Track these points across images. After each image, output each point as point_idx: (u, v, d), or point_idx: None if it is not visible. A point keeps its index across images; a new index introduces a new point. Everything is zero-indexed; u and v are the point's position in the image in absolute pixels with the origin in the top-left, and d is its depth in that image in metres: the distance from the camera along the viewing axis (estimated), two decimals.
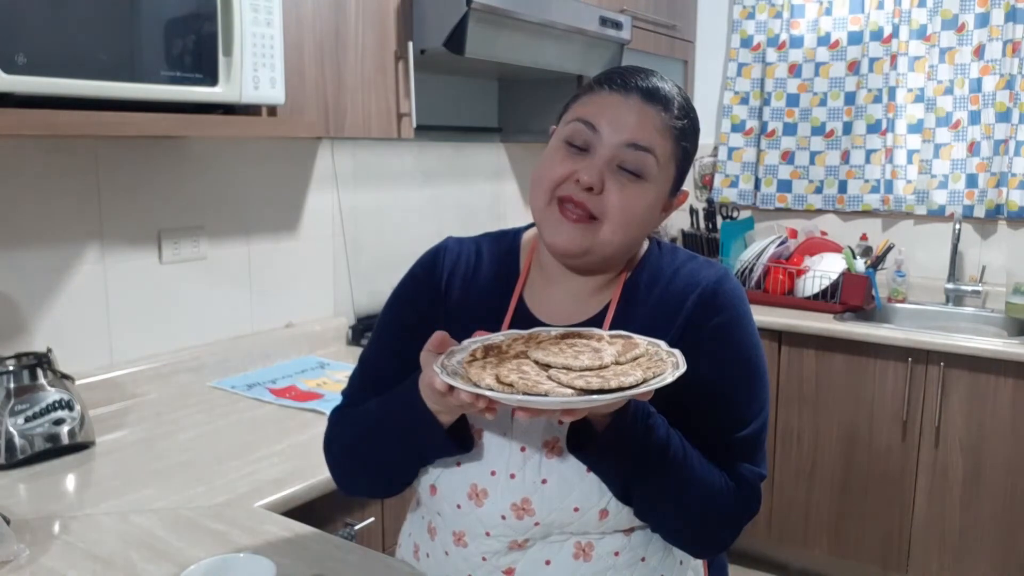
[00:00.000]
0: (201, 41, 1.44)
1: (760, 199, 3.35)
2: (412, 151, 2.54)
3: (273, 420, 1.67)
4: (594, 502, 0.92)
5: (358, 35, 1.87)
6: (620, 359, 0.81)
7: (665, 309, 0.99)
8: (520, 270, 1.06)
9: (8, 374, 1.43)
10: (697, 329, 0.97)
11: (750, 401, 0.98)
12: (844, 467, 2.72)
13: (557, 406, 0.75)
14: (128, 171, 1.80)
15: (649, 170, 0.94)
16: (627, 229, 0.95)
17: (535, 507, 0.93)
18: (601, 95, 0.96)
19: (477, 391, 0.77)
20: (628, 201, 0.94)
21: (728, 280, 1.01)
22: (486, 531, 0.95)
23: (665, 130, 0.95)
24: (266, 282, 2.12)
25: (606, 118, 0.94)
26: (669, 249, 1.07)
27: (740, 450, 0.97)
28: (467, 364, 0.82)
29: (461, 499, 0.96)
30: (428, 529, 1.04)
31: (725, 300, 0.99)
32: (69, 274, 1.71)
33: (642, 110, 0.94)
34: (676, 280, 1.01)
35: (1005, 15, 2.81)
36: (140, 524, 1.20)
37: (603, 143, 0.93)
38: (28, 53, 1.20)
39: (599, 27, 2.38)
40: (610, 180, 0.93)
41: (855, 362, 2.66)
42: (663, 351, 0.84)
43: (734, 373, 0.98)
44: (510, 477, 0.93)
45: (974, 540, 2.53)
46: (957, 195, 2.97)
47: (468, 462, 0.96)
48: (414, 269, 1.10)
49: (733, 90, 3.36)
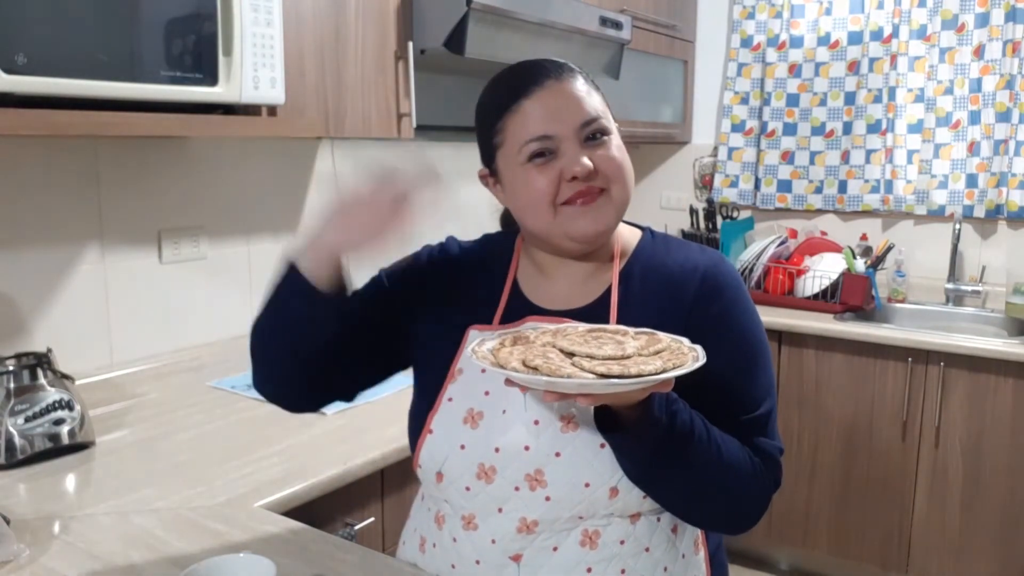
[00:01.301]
0: (201, 41, 1.44)
1: (760, 199, 3.35)
2: (412, 151, 2.54)
3: (273, 420, 1.67)
4: (605, 479, 0.94)
5: (358, 35, 1.87)
6: (642, 352, 0.84)
7: (669, 294, 1.02)
8: (511, 263, 1.10)
9: (8, 374, 1.44)
10: (703, 314, 1.00)
11: (760, 379, 1.01)
12: (844, 467, 2.72)
13: (576, 389, 0.79)
14: (128, 171, 1.80)
15: (606, 126, 0.99)
16: (629, 177, 1.01)
17: (547, 479, 0.95)
18: (523, 107, 0.98)
19: (505, 372, 0.81)
20: (615, 158, 0.99)
21: (724, 263, 1.05)
22: (498, 507, 0.97)
23: (589, 89, 1.00)
24: (266, 282, 2.12)
25: (548, 120, 0.97)
26: (661, 238, 1.10)
27: (756, 428, 1.00)
28: (496, 351, 0.87)
29: (470, 481, 0.98)
30: (435, 519, 1.05)
31: (725, 283, 1.02)
32: (69, 274, 1.71)
33: (564, 88, 0.98)
34: (671, 265, 1.04)
35: (1005, 15, 2.81)
36: (140, 524, 1.20)
37: (563, 139, 0.97)
38: (28, 53, 1.20)
39: (599, 27, 2.38)
40: (592, 154, 0.97)
41: (855, 362, 2.66)
42: (685, 346, 0.87)
43: (742, 354, 1.00)
44: (524, 449, 0.95)
45: (974, 540, 2.53)
46: (957, 195, 2.97)
47: (472, 444, 0.98)
48: (419, 252, 1.17)
49: (733, 90, 3.35)
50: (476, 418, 0.99)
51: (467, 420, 1.00)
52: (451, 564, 1.02)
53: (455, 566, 1.02)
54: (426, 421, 1.03)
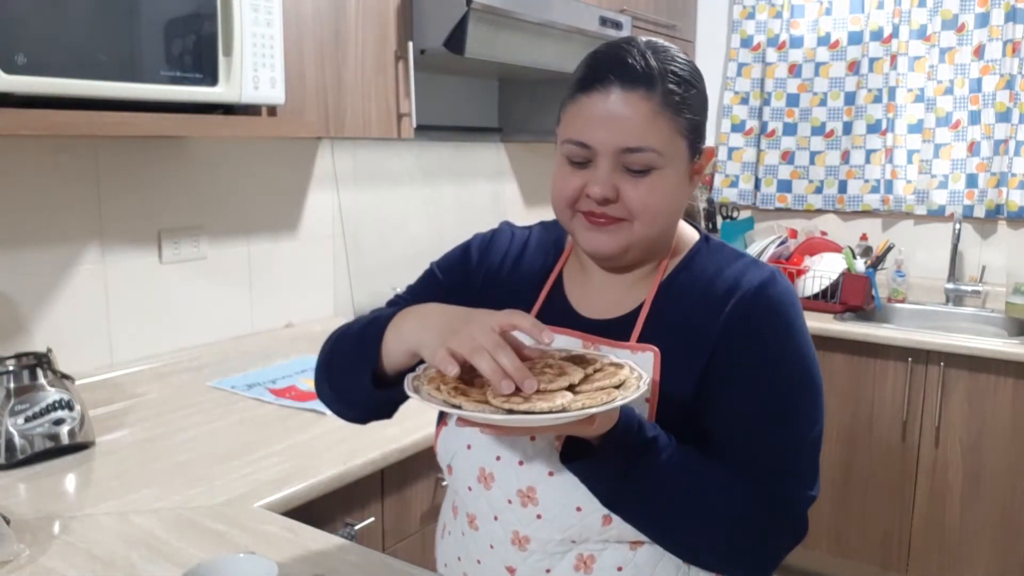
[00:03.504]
0: (201, 41, 1.44)
1: (760, 199, 3.35)
2: (412, 151, 2.54)
3: (273, 420, 1.67)
4: (598, 505, 0.90)
5: (358, 35, 1.87)
6: (583, 386, 0.79)
7: (703, 314, 0.94)
8: (559, 259, 1.06)
9: (8, 374, 1.43)
10: (731, 340, 0.92)
11: (793, 423, 0.91)
12: (844, 467, 2.72)
13: (460, 414, 0.76)
14: (128, 171, 1.80)
15: (655, 161, 0.90)
16: (658, 219, 0.92)
17: (539, 497, 0.92)
18: (580, 103, 0.92)
19: (415, 395, 0.80)
20: (648, 196, 0.90)
21: (773, 285, 0.94)
22: (494, 515, 0.97)
23: (656, 114, 0.89)
24: (266, 282, 2.12)
25: (592, 129, 0.90)
26: (716, 246, 1.02)
27: (778, 470, 0.91)
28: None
29: (472, 481, 0.98)
30: (452, 507, 1.07)
31: (767, 306, 0.93)
32: (69, 274, 1.71)
33: (625, 103, 0.89)
34: (717, 282, 0.96)
35: (1005, 15, 2.81)
36: (140, 524, 1.20)
37: (600, 155, 0.90)
38: (28, 53, 1.20)
39: (599, 27, 2.38)
40: (622, 183, 0.90)
41: (855, 362, 2.66)
42: (641, 383, 0.81)
43: (771, 392, 0.91)
44: (518, 464, 0.94)
45: (974, 540, 2.53)
46: (957, 195, 2.97)
47: (477, 445, 0.97)
48: (469, 241, 1.12)
49: (733, 90, 3.36)
50: None
51: None
52: (457, 556, 1.04)
53: (461, 559, 1.03)
54: (444, 413, 1.02)
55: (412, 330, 0.90)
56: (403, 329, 0.91)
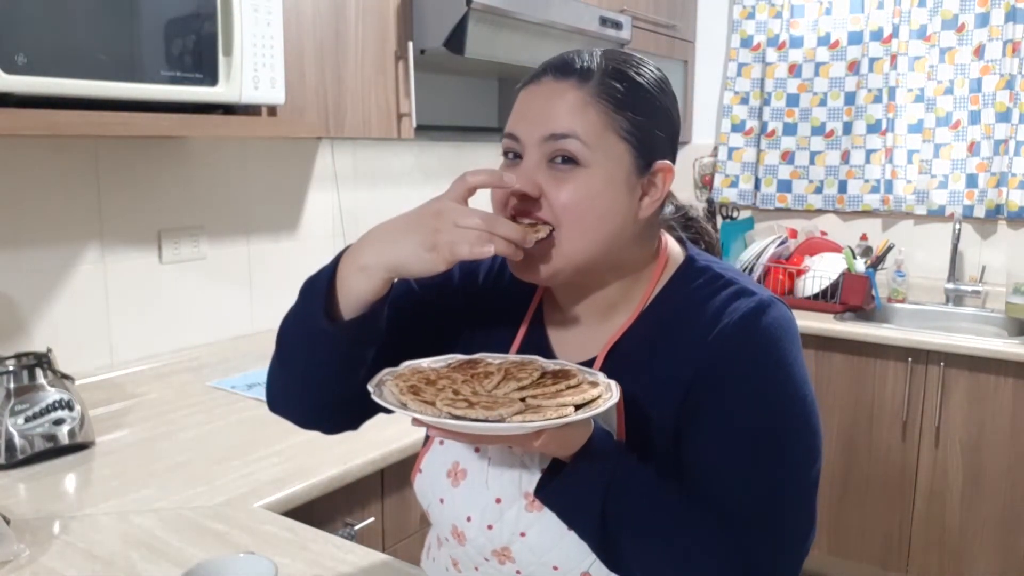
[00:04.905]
0: (201, 41, 1.44)
1: (760, 199, 3.35)
2: (412, 151, 2.54)
3: (273, 420, 1.65)
4: (575, 563, 0.85)
5: (358, 35, 1.87)
6: (546, 400, 0.75)
7: (681, 352, 0.84)
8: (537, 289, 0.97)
9: (8, 374, 1.43)
10: (706, 377, 0.82)
11: (775, 463, 0.80)
12: (844, 467, 2.72)
13: (406, 412, 0.73)
14: (128, 171, 1.80)
15: (580, 153, 0.80)
16: (585, 226, 0.81)
17: (515, 556, 0.88)
18: (520, 95, 0.86)
19: (374, 395, 0.76)
20: (570, 195, 0.80)
21: (760, 315, 0.82)
22: (475, 566, 0.93)
23: (586, 104, 0.81)
24: (266, 282, 2.12)
25: (520, 120, 0.84)
26: (701, 268, 0.90)
27: (747, 519, 0.79)
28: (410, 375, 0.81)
29: (447, 535, 0.94)
30: (436, 537, 1.03)
31: (746, 346, 0.81)
32: (69, 274, 1.71)
33: (552, 92, 0.82)
34: (699, 314, 0.85)
35: (1005, 15, 2.81)
36: (140, 524, 1.20)
37: (526, 146, 0.83)
38: (28, 53, 1.20)
39: (599, 27, 2.38)
40: (545, 179, 0.82)
41: (855, 362, 2.66)
42: (604, 393, 0.76)
43: (746, 435, 0.80)
44: (487, 528, 0.88)
45: (974, 540, 2.53)
46: (957, 195, 2.97)
47: (449, 501, 0.92)
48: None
49: (733, 90, 3.36)
50: (459, 475, 0.91)
51: (451, 474, 0.92)
52: None
53: None
54: (420, 456, 0.98)
55: (380, 252, 0.79)
56: (365, 256, 0.80)
